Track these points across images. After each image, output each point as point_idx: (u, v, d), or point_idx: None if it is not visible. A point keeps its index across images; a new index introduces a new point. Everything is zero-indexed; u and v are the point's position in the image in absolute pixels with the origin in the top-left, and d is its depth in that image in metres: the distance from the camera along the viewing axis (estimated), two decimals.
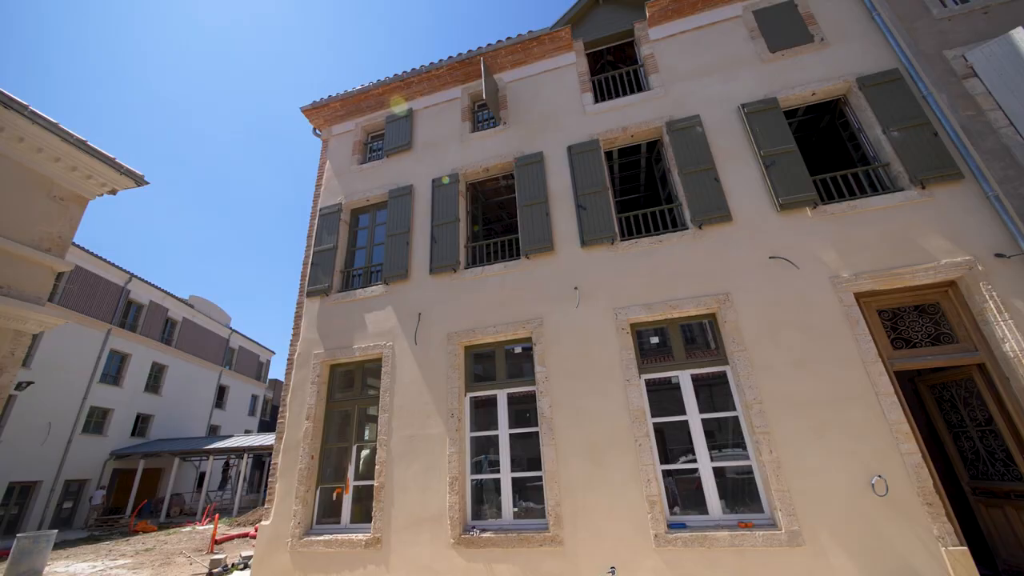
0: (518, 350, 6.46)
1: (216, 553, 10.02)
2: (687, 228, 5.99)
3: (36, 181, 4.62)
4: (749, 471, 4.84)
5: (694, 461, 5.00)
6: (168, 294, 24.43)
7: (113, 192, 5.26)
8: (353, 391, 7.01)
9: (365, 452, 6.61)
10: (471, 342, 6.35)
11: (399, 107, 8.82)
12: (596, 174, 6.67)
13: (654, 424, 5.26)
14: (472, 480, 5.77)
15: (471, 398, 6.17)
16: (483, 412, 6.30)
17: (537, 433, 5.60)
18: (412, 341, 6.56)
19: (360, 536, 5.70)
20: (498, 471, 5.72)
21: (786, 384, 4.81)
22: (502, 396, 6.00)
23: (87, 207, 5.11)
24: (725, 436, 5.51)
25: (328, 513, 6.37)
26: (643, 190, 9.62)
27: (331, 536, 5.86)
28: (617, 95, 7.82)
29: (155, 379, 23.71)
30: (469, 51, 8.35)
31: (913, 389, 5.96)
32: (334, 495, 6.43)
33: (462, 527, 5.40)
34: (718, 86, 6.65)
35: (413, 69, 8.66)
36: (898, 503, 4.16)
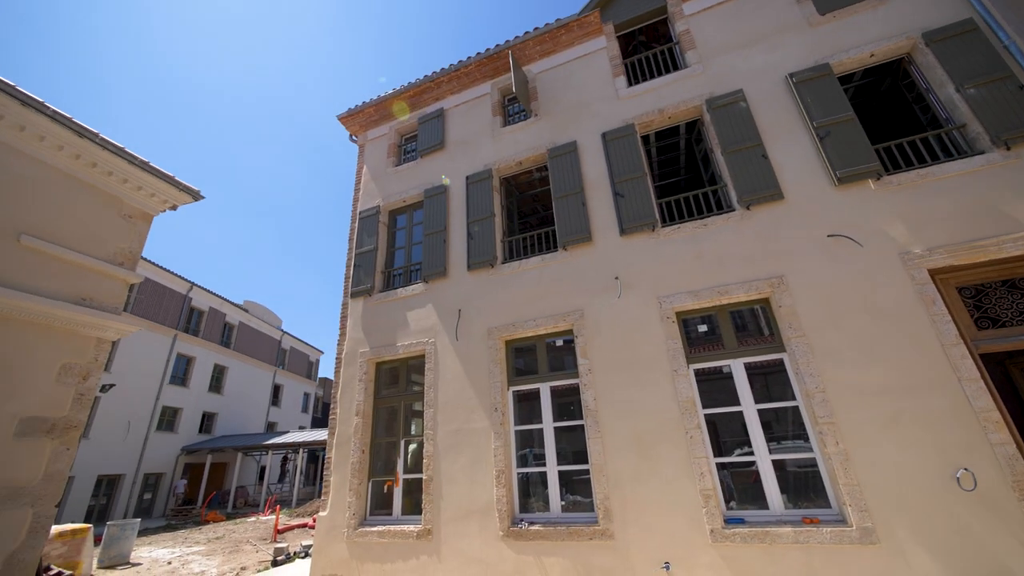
0: (559, 343, 6.39)
1: (279, 542, 10.64)
2: (734, 210, 5.69)
3: (107, 201, 5.01)
4: (813, 464, 4.55)
5: (751, 454, 4.76)
6: (225, 300, 26.09)
7: (174, 207, 5.62)
8: (398, 387, 7.19)
9: (412, 446, 6.77)
10: (511, 336, 6.34)
11: (430, 107, 8.91)
12: (633, 160, 6.46)
13: (705, 415, 5.06)
14: (518, 473, 5.78)
15: (513, 392, 6.17)
16: (526, 406, 6.29)
17: (582, 426, 5.53)
18: (453, 337, 6.64)
19: (412, 527, 5.86)
20: (543, 464, 5.69)
21: (852, 371, 4.48)
22: (545, 389, 5.96)
23: (152, 223, 5.49)
24: (784, 427, 5.21)
25: (380, 505, 6.59)
26: (683, 173, 9.24)
27: (384, 527, 6.05)
28: (652, 76, 7.52)
29: (217, 380, 25.45)
30: (497, 45, 8.29)
31: (1004, 373, 5.40)
32: (385, 487, 6.64)
33: (510, 520, 5.42)
34: (762, 57, 6.25)
35: (442, 68, 8.71)
36: (989, 498, 3.78)
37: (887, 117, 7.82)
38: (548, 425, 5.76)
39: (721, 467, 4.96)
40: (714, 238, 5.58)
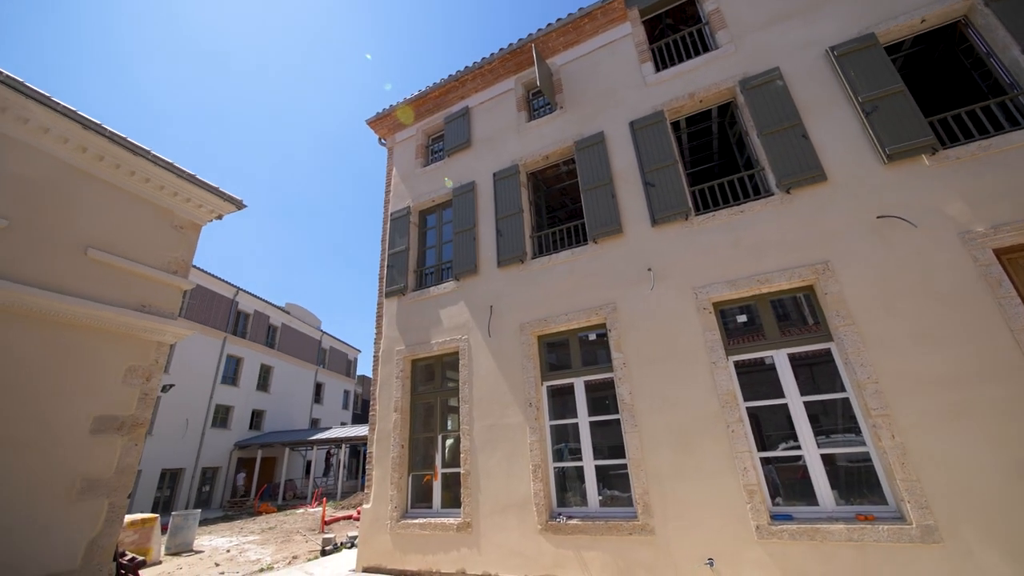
0: (592, 337, 6.34)
1: (326, 533, 11.13)
2: (772, 194, 5.45)
3: (160, 213, 5.36)
4: (866, 458, 4.33)
5: (797, 448, 4.57)
6: (268, 303, 27.39)
7: (220, 217, 5.95)
8: (434, 383, 7.34)
9: (450, 441, 6.91)
10: (544, 331, 6.34)
11: (455, 106, 8.99)
12: (663, 148, 6.29)
13: (747, 408, 4.89)
14: (554, 468, 5.79)
15: (547, 387, 6.18)
16: (559, 401, 6.28)
17: (617, 421, 5.47)
18: (486, 333, 6.71)
19: (451, 520, 5.99)
20: (579, 459, 5.68)
21: (908, 360, 4.21)
22: (579, 384, 5.94)
23: (200, 232, 5.83)
24: (833, 420, 4.97)
25: (421, 498, 6.77)
26: (717, 158, 8.92)
27: (425, 520, 6.22)
28: (680, 60, 7.27)
29: (264, 379, 26.78)
30: (520, 40, 8.25)
31: None
32: (424, 481, 6.82)
33: (548, 514, 5.45)
34: (799, 31, 5.93)
35: (466, 67, 8.75)
36: None
37: (942, 87, 7.25)
38: (583, 420, 5.74)
39: (765, 462, 4.79)
40: (752, 225, 5.37)
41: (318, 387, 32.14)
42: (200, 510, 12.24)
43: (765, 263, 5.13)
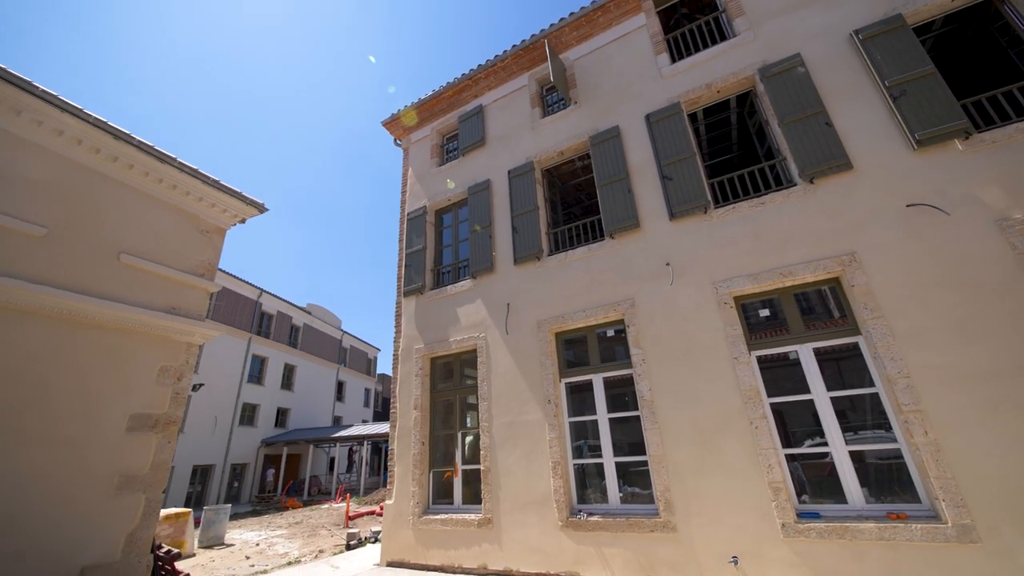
0: (610, 333, 6.30)
1: (351, 528, 11.37)
2: (795, 184, 5.31)
3: (187, 219, 5.54)
4: (897, 455, 4.19)
5: (824, 444, 4.46)
6: (291, 304, 28.03)
7: (243, 221, 6.11)
8: (453, 381, 7.41)
9: (469, 438, 6.97)
10: (561, 328, 6.33)
11: (469, 105, 9.01)
12: (680, 140, 6.19)
13: (771, 404, 4.79)
14: (574, 465, 5.79)
15: (566, 384, 6.17)
16: (578, 397, 6.26)
17: (637, 417, 5.43)
18: (503, 331, 6.73)
19: (472, 516, 6.05)
20: (599, 456, 5.66)
21: (941, 354, 4.06)
22: (597, 380, 5.91)
23: (225, 236, 6.00)
24: (861, 416, 4.82)
25: (441, 494, 6.85)
26: (736, 149, 8.73)
27: (447, 516, 6.30)
28: (697, 50, 7.13)
29: (288, 378, 27.46)
30: (532, 36, 8.21)
31: None
32: (444, 478, 6.90)
33: (568, 510, 5.45)
34: (820, 16, 5.73)
35: (479, 65, 8.76)
36: None
37: (975, 68, 6.93)
38: (603, 416, 5.71)
39: (791, 459, 4.69)
40: (773, 216, 5.24)
41: (340, 385, 32.78)
42: (230, 505, 12.65)
43: (788, 255, 5.00)
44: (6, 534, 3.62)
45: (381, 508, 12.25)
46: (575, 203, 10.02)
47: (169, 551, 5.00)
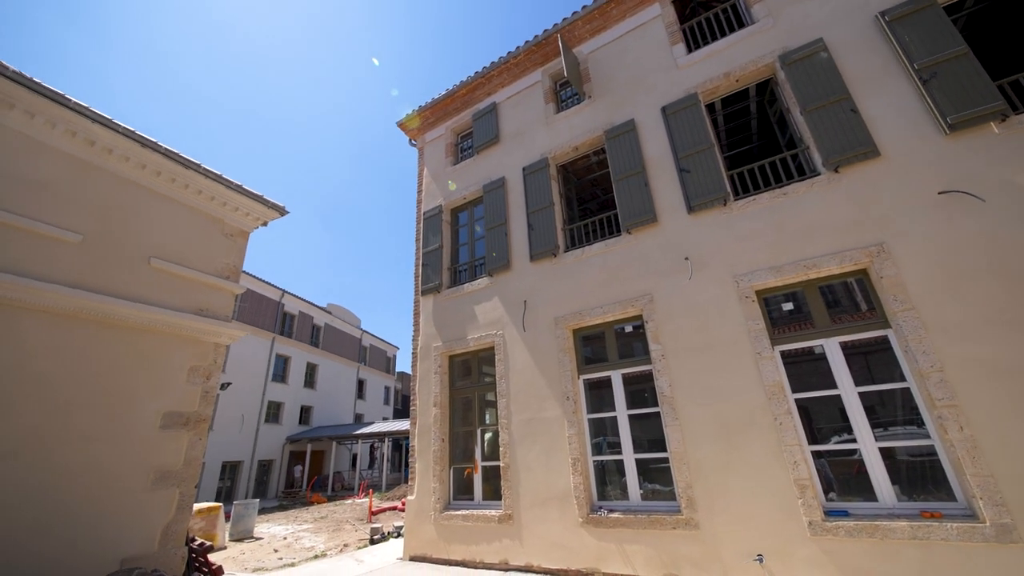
0: (628, 329, 6.24)
1: (374, 523, 11.59)
2: (818, 174, 5.15)
3: (212, 223, 5.70)
4: (930, 452, 4.05)
5: (852, 441, 4.34)
6: (312, 304, 28.63)
7: (265, 223, 6.27)
8: (471, 378, 7.46)
9: (488, 435, 7.02)
10: (579, 325, 6.30)
11: (483, 103, 9.02)
12: (698, 132, 6.07)
13: (796, 400, 4.68)
14: (593, 461, 5.77)
15: (584, 380, 6.15)
16: (597, 394, 6.23)
17: (657, 413, 5.38)
18: (521, 328, 6.74)
19: (493, 512, 6.09)
20: (619, 452, 5.63)
21: (977, 346, 3.90)
22: (616, 377, 5.87)
23: (248, 238, 6.17)
24: (891, 412, 4.66)
25: (462, 490, 6.92)
26: (756, 139, 8.52)
27: (467, 511, 6.36)
28: (714, 39, 6.97)
29: (310, 376, 28.08)
30: (545, 31, 8.16)
31: None
32: (465, 474, 6.96)
33: (589, 507, 5.44)
34: None
35: (492, 62, 8.76)
36: None
37: (1012, 47, 6.59)
38: (622, 413, 5.68)
39: (817, 455, 4.58)
40: (796, 207, 5.10)
41: (360, 383, 33.35)
42: (258, 500, 13.04)
43: (812, 247, 4.86)
44: (57, 524, 3.82)
45: (403, 504, 12.45)
46: (591, 198, 9.94)
47: (202, 544, 5.18)
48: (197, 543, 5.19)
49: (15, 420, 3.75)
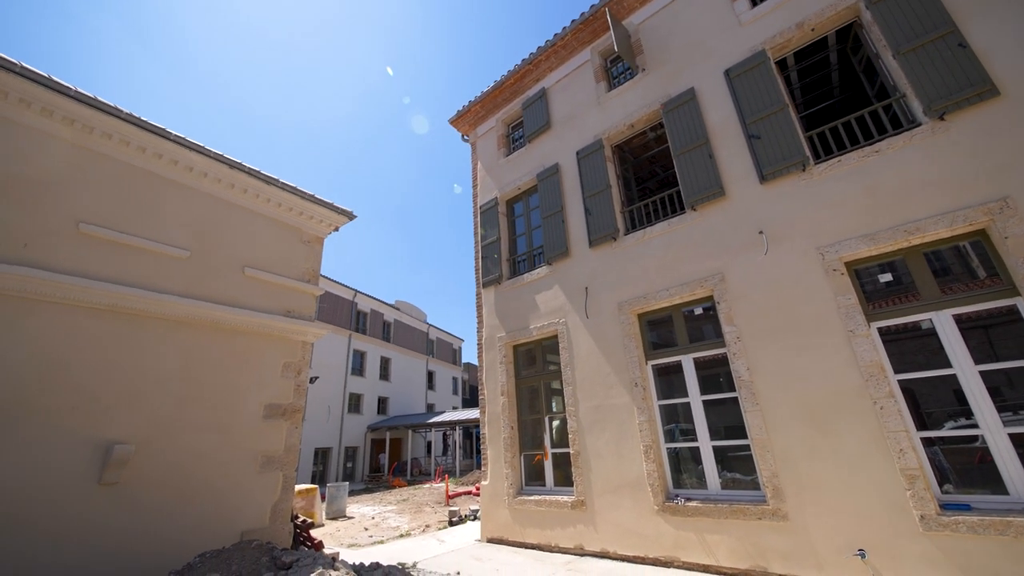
0: (698, 311, 5.94)
1: (451, 506, 12.19)
2: (918, 124, 4.51)
3: (291, 232, 6.22)
4: None
5: (972, 426, 3.82)
6: (382, 302, 30.40)
7: (336, 229, 6.72)
8: (536, 367, 7.53)
9: (556, 422, 7.06)
10: (644, 309, 6.11)
11: (532, 90, 8.92)
12: (768, 93, 5.56)
13: (899, 382, 4.20)
14: (667, 448, 5.60)
15: (652, 366, 5.96)
16: (666, 380, 6.02)
17: (734, 399, 5.09)
18: (583, 315, 6.67)
19: (565, 498, 6.15)
20: (692, 439, 5.42)
21: None
22: (687, 361, 5.62)
23: (323, 243, 6.66)
24: (1022, 393, 4.02)
25: (533, 477, 7.05)
26: (838, 93, 7.63)
27: (540, 497, 6.48)
28: None
29: (384, 369, 29.95)
30: (592, 6, 7.85)
31: None
32: (535, 460, 7.08)
33: (664, 495, 5.31)
34: None
35: (539, 47, 8.62)
36: None
37: None
38: (695, 399, 5.44)
39: (928, 443, 4.08)
40: (892, 165, 4.52)
41: (430, 375, 35.00)
42: (347, 483, 14.23)
43: (913, 209, 4.29)
44: (188, 501, 4.46)
45: (477, 488, 12.94)
46: (649, 177, 9.51)
47: (305, 520, 5.77)
48: (300, 520, 5.78)
49: (147, 413, 4.39)
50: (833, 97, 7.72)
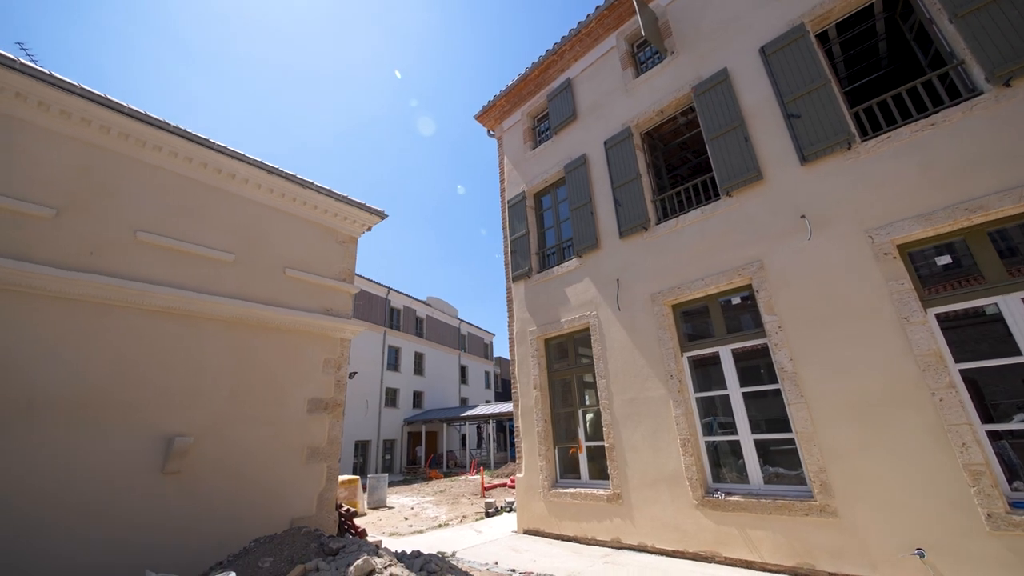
0: (736, 301, 5.74)
1: (487, 498, 12.39)
2: (979, 92, 4.16)
3: (327, 232, 6.44)
4: None
5: None
6: (414, 299, 31.05)
7: (369, 228, 6.91)
8: (568, 360, 7.51)
9: (590, 415, 7.02)
10: (678, 300, 5.96)
11: (556, 81, 8.81)
12: (808, 68, 5.27)
13: (961, 371, 3.92)
14: (705, 442, 5.47)
15: (688, 358, 5.82)
16: (703, 372, 5.86)
17: (776, 391, 4.90)
18: (615, 307, 6.58)
19: (601, 491, 6.12)
20: (731, 432, 5.26)
21: None
22: (725, 353, 5.46)
23: (357, 243, 6.86)
24: None
25: (568, 470, 7.06)
26: (886, 64, 7.13)
27: (575, 490, 6.48)
28: None
29: (418, 364, 30.63)
30: None
31: None
32: (569, 453, 7.08)
33: (703, 489, 5.20)
34: None
35: (563, 37, 8.49)
36: None
37: None
38: (735, 391, 5.28)
39: (994, 436, 3.80)
40: (950, 139, 4.19)
41: (462, 369, 35.52)
42: (387, 474, 14.72)
43: (976, 185, 3.97)
44: (242, 491, 4.74)
45: (512, 481, 13.08)
46: (681, 164, 9.23)
47: (348, 509, 6.03)
48: (344, 509, 6.04)
49: (203, 407, 4.69)
50: (880, 69, 7.21)
